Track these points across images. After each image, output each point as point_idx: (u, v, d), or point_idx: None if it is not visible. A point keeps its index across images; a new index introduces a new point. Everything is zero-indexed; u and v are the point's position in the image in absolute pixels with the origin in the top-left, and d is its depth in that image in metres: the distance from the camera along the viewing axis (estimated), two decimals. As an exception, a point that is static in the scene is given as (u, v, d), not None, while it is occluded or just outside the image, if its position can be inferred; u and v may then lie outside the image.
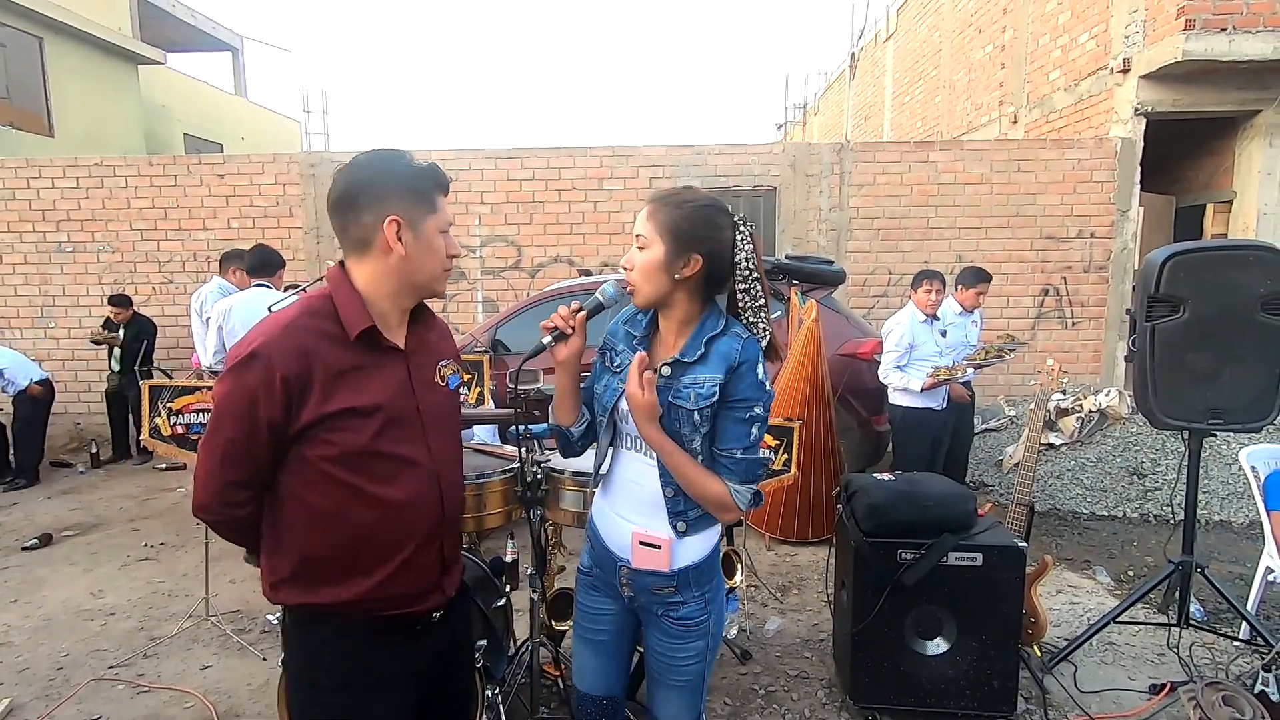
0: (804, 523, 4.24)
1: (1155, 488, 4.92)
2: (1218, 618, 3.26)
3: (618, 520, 1.53)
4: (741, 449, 1.42)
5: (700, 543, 1.49)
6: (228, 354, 1.33)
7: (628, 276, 1.45)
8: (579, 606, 1.65)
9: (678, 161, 6.87)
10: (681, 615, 1.49)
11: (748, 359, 1.41)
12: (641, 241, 1.43)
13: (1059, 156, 6.64)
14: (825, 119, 17.53)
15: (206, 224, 7.04)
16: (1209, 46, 5.85)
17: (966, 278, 4.37)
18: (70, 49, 10.68)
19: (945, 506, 2.51)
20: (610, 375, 1.54)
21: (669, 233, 1.40)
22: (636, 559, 1.49)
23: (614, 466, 1.56)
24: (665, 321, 1.49)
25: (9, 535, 4.53)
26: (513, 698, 2.35)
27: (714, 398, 1.40)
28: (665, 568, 1.47)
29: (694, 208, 1.42)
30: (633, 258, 1.44)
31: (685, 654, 1.50)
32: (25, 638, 3.23)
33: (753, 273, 1.44)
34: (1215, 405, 2.62)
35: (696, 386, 1.41)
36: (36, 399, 5.58)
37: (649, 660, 1.56)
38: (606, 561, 1.56)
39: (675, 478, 1.43)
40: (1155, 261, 2.62)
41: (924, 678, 2.48)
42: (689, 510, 1.47)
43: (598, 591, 1.61)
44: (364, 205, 1.26)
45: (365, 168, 1.27)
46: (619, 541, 1.52)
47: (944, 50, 10.70)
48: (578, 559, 1.70)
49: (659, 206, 1.42)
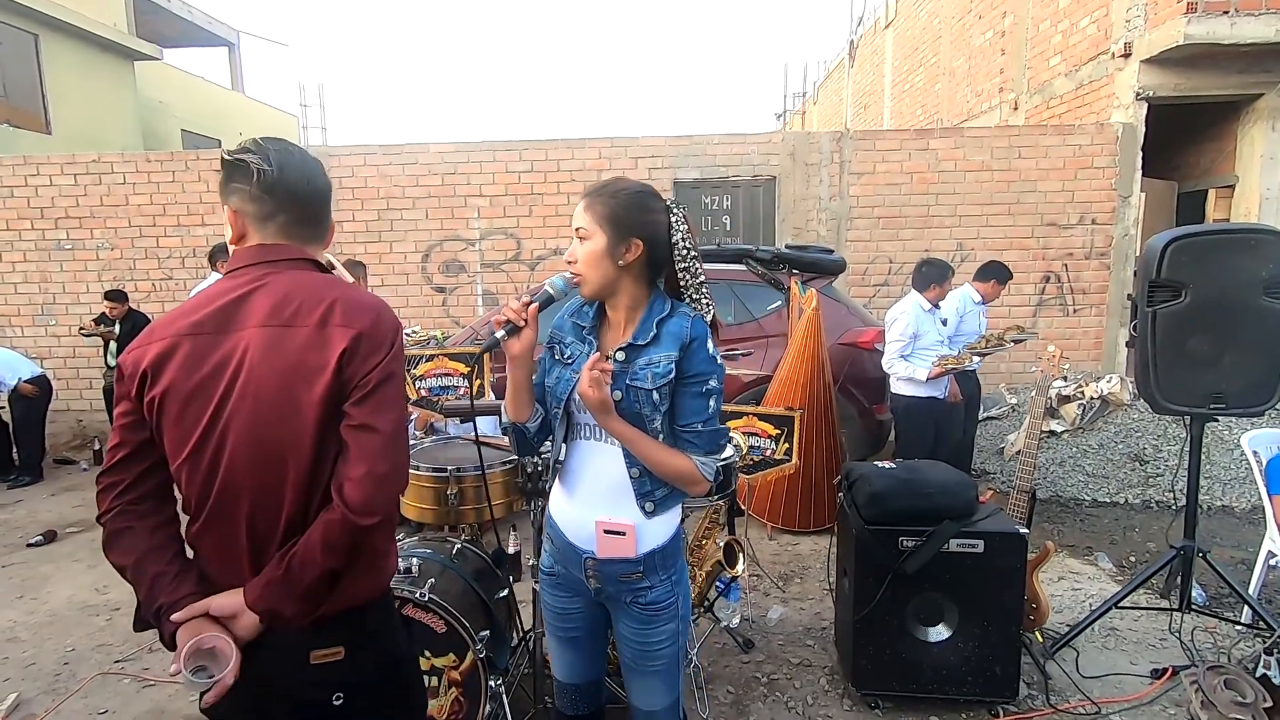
0: (805, 512, 4.25)
1: (1157, 474, 4.92)
2: (1220, 602, 3.27)
3: (578, 511, 1.53)
4: (702, 422, 1.48)
5: (665, 524, 1.53)
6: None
7: (573, 269, 1.48)
8: (546, 607, 1.65)
9: (676, 152, 6.84)
10: (650, 600, 1.52)
11: (698, 335, 1.47)
12: (583, 233, 1.46)
13: (1060, 143, 6.60)
14: (824, 107, 17.44)
15: (205, 220, 7.03)
16: (1211, 30, 5.80)
17: (997, 272, 4.61)
18: (66, 45, 10.64)
19: (946, 494, 2.51)
20: (561, 367, 1.54)
21: (607, 221, 1.45)
22: (601, 549, 1.50)
23: (570, 459, 1.56)
24: (613, 310, 1.52)
25: (14, 532, 4.55)
26: (516, 688, 2.36)
27: (671, 375, 1.45)
28: (631, 554, 1.49)
29: (627, 195, 1.47)
30: (575, 250, 1.47)
31: (658, 638, 1.53)
32: (31, 633, 3.24)
33: (690, 252, 1.50)
34: (1217, 390, 2.61)
35: (653, 366, 1.45)
36: (29, 397, 5.58)
37: (622, 650, 1.58)
38: (569, 556, 1.55)
39: (646, 461, 1.47)
40: (1157, 246, 2.61)
41: (926, 664, 2.49)
42: (656, 489, 1.50)
43: (563, 589, 1.61)
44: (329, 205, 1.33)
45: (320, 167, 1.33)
46: (581, 534, 1.53)
47: (944, 37, 10.63)
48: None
49: (595, 199, 1.47)
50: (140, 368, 1.18)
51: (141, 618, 1.20)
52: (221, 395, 1.16)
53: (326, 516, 1.14)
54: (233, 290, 1.20)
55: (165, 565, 1.19)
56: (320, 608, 1.18)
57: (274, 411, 1.15)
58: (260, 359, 1.15)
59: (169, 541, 1.23)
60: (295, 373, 1.15)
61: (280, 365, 1.15)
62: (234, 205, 1.23)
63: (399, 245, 6.96)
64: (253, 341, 1.16)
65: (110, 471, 1.22)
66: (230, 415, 1.15)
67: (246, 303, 1.19)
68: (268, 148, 1.22)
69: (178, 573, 1.20)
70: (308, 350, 1.15)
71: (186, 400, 1.16)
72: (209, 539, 1.21)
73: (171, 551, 1.22)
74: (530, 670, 2.32)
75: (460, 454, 2.51)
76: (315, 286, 1.21)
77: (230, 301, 1.19)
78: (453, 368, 3.35)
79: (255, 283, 1.20)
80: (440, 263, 7.02)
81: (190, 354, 1.17)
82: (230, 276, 1.23)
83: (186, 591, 1.18)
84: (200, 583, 1.20)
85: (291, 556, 1.14)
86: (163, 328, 1.21)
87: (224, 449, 1.16)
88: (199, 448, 1.17)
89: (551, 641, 1.66)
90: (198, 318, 1.19)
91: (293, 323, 1.16)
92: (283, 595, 1.14)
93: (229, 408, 1.15)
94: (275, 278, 1.21)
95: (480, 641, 2.06)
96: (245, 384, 1.15)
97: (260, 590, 1.15)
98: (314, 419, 1.15)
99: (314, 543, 1.14)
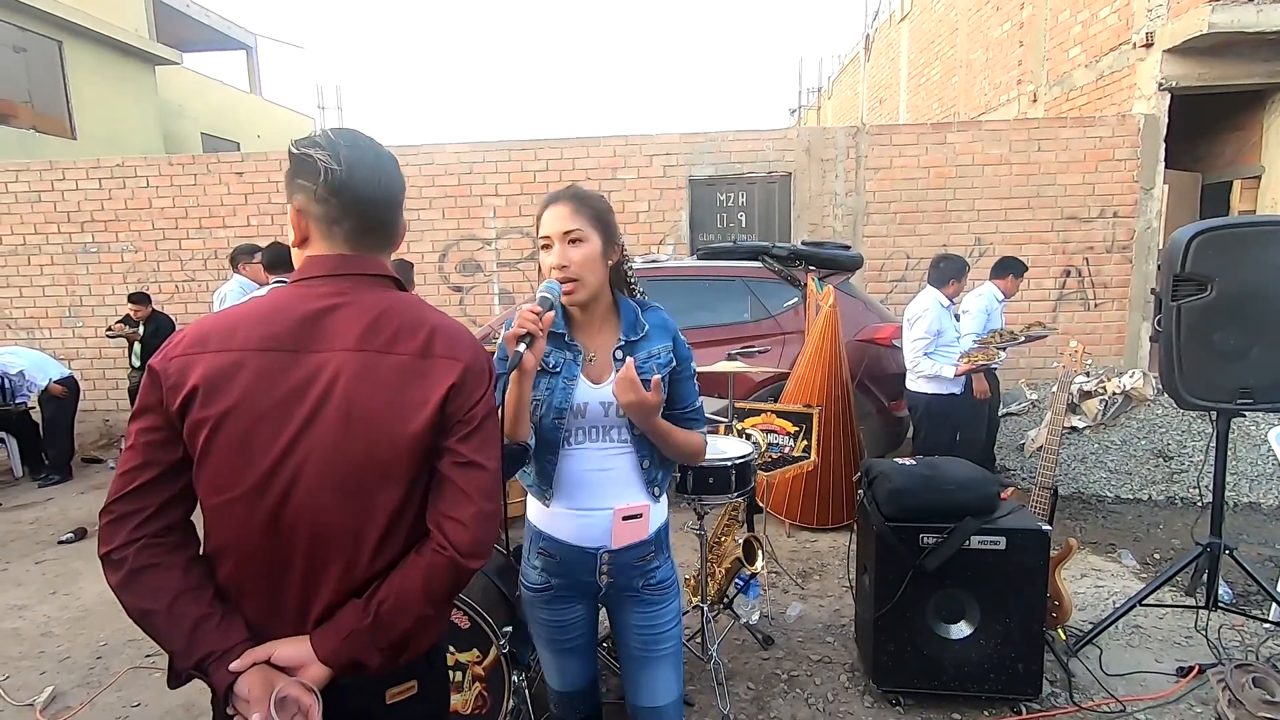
0: (824, 509, 4.24)
1: (1181, 470, 4.85)
2: (1247, 600, 3.22)
3: (585, 514, 1.52)
4: (697, 402, 1.63)
5: (664, 504, 1.62)
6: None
7: (567, 273, 1.45)
8: (540, 624, 1.61)
9: (691, 149, 6.83)
10: (659, 580, 1.59)
11: (674, 326, 1.59)
12: (578, 235, 1.46)
13: (1080, 135, 6.52)
14: (839, 102, 17.33)
15: (226, 222, 7.14)
16: (1235, 18, 5.70)
17: (1011, 266, 4.67)
18: (89, 51, 10.83)
19: (967, 490, 2.50)
20: (550, 377, 1.49)
21: (599, 223, 1.48)
22: (618, 538, 1.52)
23: (566, 465, 1.52)
24: (586, 312, 1.54)
25: (45, 530, 4.66)
26: (538, 683, 2.38)
27: (673, 363, 1.55)
28: (645, 535, 1.55)
29: (600, 199, 1.52)
30: (567, 254, 1.45)
31: (666, 617, 1.60)
32: (65, 628, 3.32)
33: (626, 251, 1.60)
34: (1244, 385, 2.57)
35: (655, 358, 1.53)
36: (58, 398, 5.71)
37: (630, 642, 1.60)
38: (574, 562, 1.53)
39: (667, 449, 1.54)
40: (1181, 239, 2.57)
41: (947, 661, 2.48)
42: (658, 474, 1.58)
43: (560, 601, 1.58)
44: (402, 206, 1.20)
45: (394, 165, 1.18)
46: (590, 534, 1.52)
47: (960, 29, 10.51)
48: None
49: (581, 201, 1.49)
50: (188, 380, 1.02)
51: (178, 671, 1.05)
52: (304, 421, 1.03)
53: (429, 560, 1.05)
54: (309, 303, 1.07)
55: (207, 608, 1.05)
56: (403, 655, 1.09)
57: (366, 444, 1.03)
58: (352, 385, 1.03)
59: (204, 581, 1.07)
60: (396, 403, 1.04)
61: (377, 394, 1.04)
62: (298, 204, 1.10)
63: (416, 245, 7.02)
64: (345, 365, 1.04)
65: (128, 498, 1.04)
66: (312, 444, 1.03)
67: (329, 320, 1.06)
68: (338, 142, 1.09)
69: (223, 616, 1.05)
70: (410, 380, 1.05)
71: (256, 423, 1.02)
72: (246, 581, 1.07)
73: (210, 593, 1.06)
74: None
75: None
76: (410, 309, 1.11)
77: (308, 316, 1.06)
78: None
79: (336, 298, 1.08)
80: (457, 262, 7.08)
81: (263, 371, 1.03)
82: (302, 286, 1.10)
83: (239, 639, 1.05)
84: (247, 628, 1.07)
85: (380, 604, 1.04)
86: (218, 338, 1.05)
87: (298, 481, 1.03)
88: (267, 478, 1.03)
89: (547, 655, 1.64)
90: (268, 331, 1.05)
91: (391, 349, 1.06)
92: (368, 646, 1.04)
93: (310, 436, 1.03)
94: (361, 294, 1.09)
95: (503, 637, 2.08)
96: (335, 411, 1.03)
97: (340, 642, 1.04)
98: (412, 453, 1.05)
99: (413, 588, 1.04)
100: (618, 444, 1.52)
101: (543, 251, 1.50)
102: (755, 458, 2.70)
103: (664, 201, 6.86)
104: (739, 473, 2.50)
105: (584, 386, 1.51)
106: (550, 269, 1.47)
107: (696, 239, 6.91)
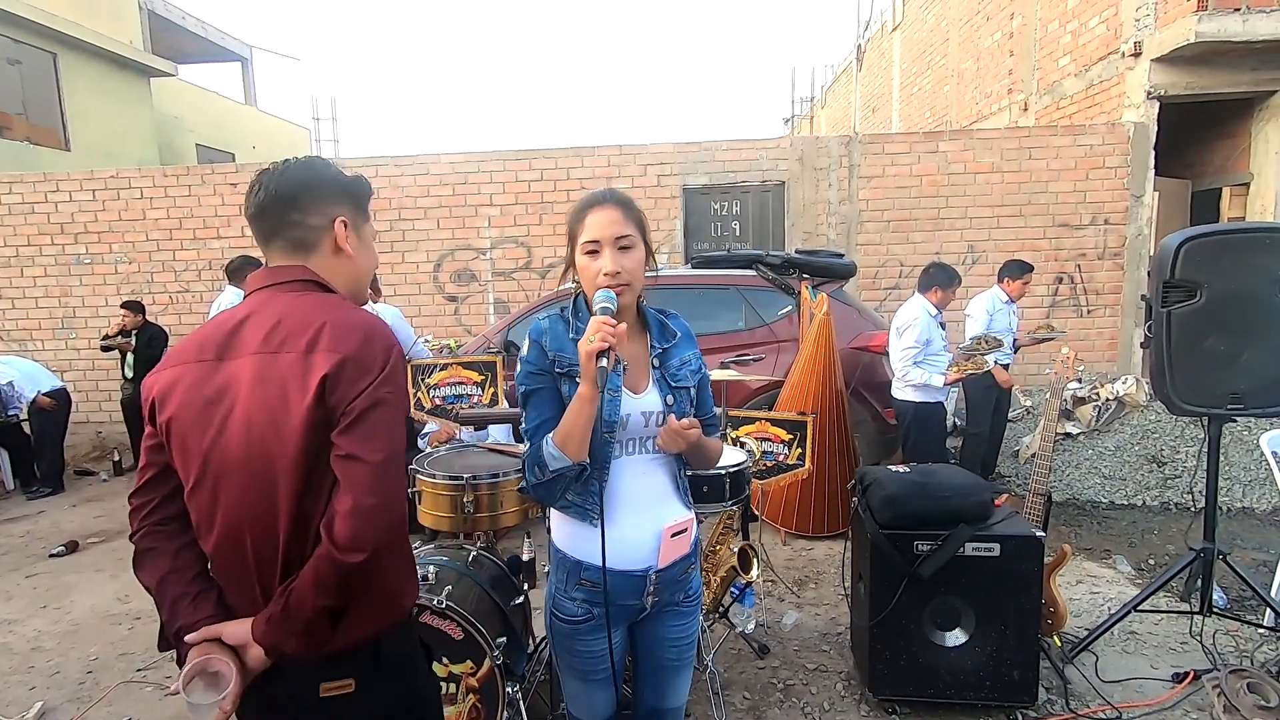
0: (819, 517, 4.24)
1: (1175, 475, 4.87)
2: (1241, 605, 3.23)
3: (635, 531, 1.45)
4: (713, 408, 1.62)
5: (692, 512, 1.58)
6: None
7: (619, 279, 1.39)
8: (574, 655, 1.50)
9: (685, 159, 6.86)
10: (694, 589, 1.58)
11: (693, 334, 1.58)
12: (628, 241, 1.41)
13: (1071, 143, 6.57)
14: (833, 112, 17.43)
15: (220, 233, 7.13)
16: (1222, 27, 5.76)
17: (1014, 269, 4.82)
18: (83, 63, 10.84)
19: (961, 497, 2.50)
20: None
21: (641, 229, 1.46)
22: (665, 555, 1.47)
23: (612, 485, 1.44)
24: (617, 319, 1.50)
25: (37, 543, 4.62)
26: (532, 695, 2.37)
27: (702, 369, 1.55)
28: (688, 547, 1.53)
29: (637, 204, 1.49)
30: (621, 260, 1.39)
31: (694, 627, 1.59)
32: (55, 642, 3.29)
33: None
34: (1235, 390, 2.59)
35: (687, 365, 1.52)
36: (46, 410, 5.67)
37: (663, 654, 1.57)
38: (625, 587, 1.45)
39: (698, 460, 1.53)
40: (1171, 246, 2.59)
41: (943, 669, 2.47)
42: (685, 484, 1.56)
43: (600, 630, 1.47)
44: (308, 205, 1.22)
45: (305, 169, 1.24)
46: (639, 553, 1.45)
47: (952, 39, 10.61)
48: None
49: (628, 207, 1.45)
50: (151, 394, 1.18)
51: (164, 638, 1.20)
52: (218, 426, 1.13)
53: (317, 553, 1.09)
54: (237, 314, 1.19)
55: (185, 587, 1.17)
56: (326, 643, 1.13)
57: (262, 443, 1.11)
58: (250, 388, 1.11)
59: (191, 563, 1.20)
60: (279, 401, 1.10)
61: (267, 394, 1.11)
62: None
63: (411, 255, 7.02)
64: (245, 370, 1.13)
65: (139, 492, 1.23)
66: (225, 446, 1.12)
67: (244, 328, 1.16)
68: (271, 170, 1.22)
69: (196, 595, 1.17)
70: (291, 377, 1.10)
71: (187, 430, 1.14)
72: (221, 566, 1.19)
73: (192, 573, 1.19)
74: (547, 677, 2.33)
75: (475, 462, 2.54)
76: (309, 309, 1.15)
77: (233, 327, 1.17)
78: (466, 376, 3.39)
79: (254, 306, 1.18)
80: (452, 272, 7.08)
81: (192, 382, 1.15)
82: (245, 302, 1.23)
83: (204, 615, 1.15)
84: (218, 606, 1.17)
85: (289, 594, 1.11)
86: (174, 354, 1.20)
87: (222, 481, 1.13)
88: (201, 477, 1.14)
89: (579, 686, 1.54)
90: (202, 344, 1.17)
91: (281, 349, 1.12)
92: (283, 632, 1.10)
93: (224, 438, 1.12)
94: (275, 301, 1.17)
95: (497, 648, 2.07)
96: (238, 414, 1.12)
97: (264, 625, 1.12)
98: (297, 449, 1.09)
99: (306, 581, 1.09)
100: (654, 454, 1.49)
101: (584, 256, 1.42)
102: (750, 466, 2.70)
103: (658, 211, 6.88)
104: (733, 481, 2.51)
105: (626, 397, 1.45)
106: (601, 275, 1.39)
107: (691, 248, 6.93)
